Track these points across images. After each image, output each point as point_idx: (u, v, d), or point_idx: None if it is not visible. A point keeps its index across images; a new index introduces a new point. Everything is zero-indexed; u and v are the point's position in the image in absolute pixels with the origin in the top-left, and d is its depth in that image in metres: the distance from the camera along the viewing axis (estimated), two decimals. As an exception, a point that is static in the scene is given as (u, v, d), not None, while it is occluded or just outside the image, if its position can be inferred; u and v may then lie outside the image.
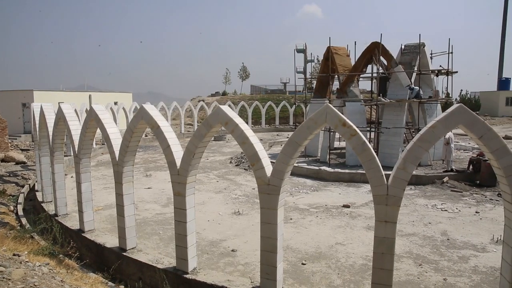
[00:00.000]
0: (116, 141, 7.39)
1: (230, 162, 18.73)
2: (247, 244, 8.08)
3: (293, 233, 8.74)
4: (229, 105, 36.02)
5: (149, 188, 13.38)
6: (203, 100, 43.41)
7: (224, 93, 56.80)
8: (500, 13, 55.72)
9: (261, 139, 26.64)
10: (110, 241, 7.79)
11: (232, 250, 7.76)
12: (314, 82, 22.63)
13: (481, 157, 13.69)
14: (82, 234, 8.22)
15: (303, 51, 64.47)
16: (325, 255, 7.47)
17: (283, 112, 40.34)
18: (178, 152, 6.34)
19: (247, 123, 36.01)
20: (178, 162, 6.19)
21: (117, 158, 7.21)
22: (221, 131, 27.96)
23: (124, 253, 7.17)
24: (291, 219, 9.74)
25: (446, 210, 10.44)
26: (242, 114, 38.21)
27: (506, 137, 28.04)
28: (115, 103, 30.51)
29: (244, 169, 16.82)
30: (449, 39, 17.18)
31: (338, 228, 9.03)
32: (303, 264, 7.09)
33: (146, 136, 28.22)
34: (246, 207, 10.82)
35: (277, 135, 32.91)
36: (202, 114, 39.07)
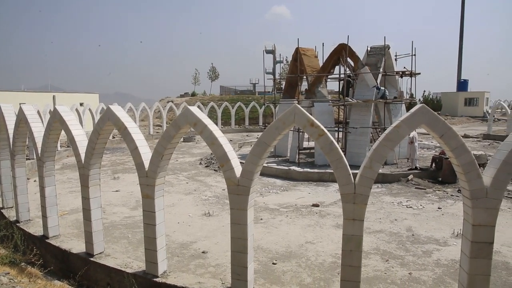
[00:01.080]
0: (82, 143, 7.18)
1: (200, 163, 18.60)
2: (217, 245, 8.05)
3: (263, 233, 8.78)
4: (199, 106, 35.77)
5: (117, 191, 13.08)
6: (172, 101, 42.90)
7: (193, 94, 56.39)
8: (458, 19, 58.31)
9: (230, 140, 26.65)
10: (77, 246, 7.56)
11: (202, 252, 7.72)
12: (283, 82, 22.82)
13: (442, 155, 14.25)
14: (46, 240, 7.92)
15: (272, 52, 65.05)
16: (295, 254, 7.56)
17: (253, 113, 40.49)
18: (146, 154, 6.24)
19: (216, 124, 35.93)
20: (147, 164, 6.09)
21: (83, 161, 7.01)
22: (191, 132, 27.75)
23: (91, 259, 6.97)
24: (261, 219, 9.79)
25: (411, 207, 10.80)
26: (212, 115, 38.03)
27: (465, 136, 29.33)
28: (81, 104, 29.63)
29: (214, 170, 16.74)
30: (412, 42, 17.82)
31: (308, 227, 9.15)
32: (273, 263, 7.14)
33: (114, 138, 27.57)
34: (217, 208, 10.78)
35: (247, 135, 32.98)
36: (171, 115, 38.58)
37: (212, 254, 7.60)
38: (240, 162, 5.66)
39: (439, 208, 10.71)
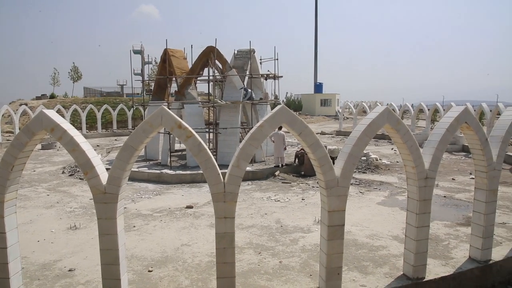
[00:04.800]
0: None
1: (63, 172, 16.89)
2: (87, 260, 7.45)
3: (137, 240, 8.44)
4: (59, 109, 32.44)
5: (-46, 212, 11.01)
6: (26, 104, 37.93)
7: (52, 96, 50.89)
8: (313, 29, 64.95)
9: (97, 145, 24.89)
10: None
11: (69, 270, 7.04)
12: (152, 84, 22.24)
13: (303, 151, 15.70)
14: None
15: (140, 52, 62.75)
16: (171, 259, 7.46)
17: (121, 116, 38.43)
18: (-9, 166, 5.42)
19: (81, 128, 33.05)
20: (-8, 178, 5.29)
21: None
22: (51, 139, 24.98)
23: None
24: (134, 226, 9.39)
25: (279, 201, 11.64)
26: (75, 118, 34.92)
27: (322, 133, 32.82)
28: None
29: (80, 178, 15.39)
30: (275, 47, 19.18)
31: (183, 230, 9.12)
32: (149, 271, 6.93)
33: None
34: (84, 220, 9.95)
35: (116, 140, 31.12)
36: (26, 120, 34.09)
37: (81, 271, 7.00)
38: (107, 168, 5.35)
39: (302, 199, 11.78)
